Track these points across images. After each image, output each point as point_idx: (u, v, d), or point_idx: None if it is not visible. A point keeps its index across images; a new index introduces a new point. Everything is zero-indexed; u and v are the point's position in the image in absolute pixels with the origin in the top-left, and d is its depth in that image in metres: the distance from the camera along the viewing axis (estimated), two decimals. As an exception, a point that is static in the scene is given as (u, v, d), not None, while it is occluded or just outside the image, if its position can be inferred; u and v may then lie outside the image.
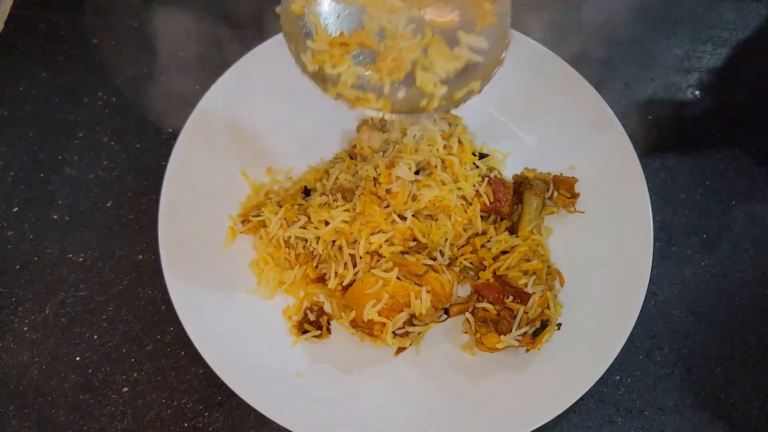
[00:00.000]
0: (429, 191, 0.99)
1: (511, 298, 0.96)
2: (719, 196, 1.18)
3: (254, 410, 0.91)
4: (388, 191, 0.98)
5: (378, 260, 0.98)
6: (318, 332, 1.00)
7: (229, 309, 1.00)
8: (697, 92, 1.28)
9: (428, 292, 0.94)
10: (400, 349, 0.99)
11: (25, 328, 1.05)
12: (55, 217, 1.14)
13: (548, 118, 1.15)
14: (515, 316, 0.95)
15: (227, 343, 0.96)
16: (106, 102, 1.24)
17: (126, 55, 1.29)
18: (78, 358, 1.03)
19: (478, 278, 1.01)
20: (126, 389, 1.02)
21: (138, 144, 1.20)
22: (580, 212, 1.08)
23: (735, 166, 1.21)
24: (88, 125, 1.22)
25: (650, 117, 1.25)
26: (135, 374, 1.03)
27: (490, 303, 0.96)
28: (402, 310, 0.94)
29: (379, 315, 0.93)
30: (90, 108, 1.24)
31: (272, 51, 1.13)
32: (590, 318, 0.99)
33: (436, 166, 1.01)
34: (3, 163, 1.19)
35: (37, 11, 1.33)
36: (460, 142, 1.06)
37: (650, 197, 1.17)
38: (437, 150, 1.03)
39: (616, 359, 1.05)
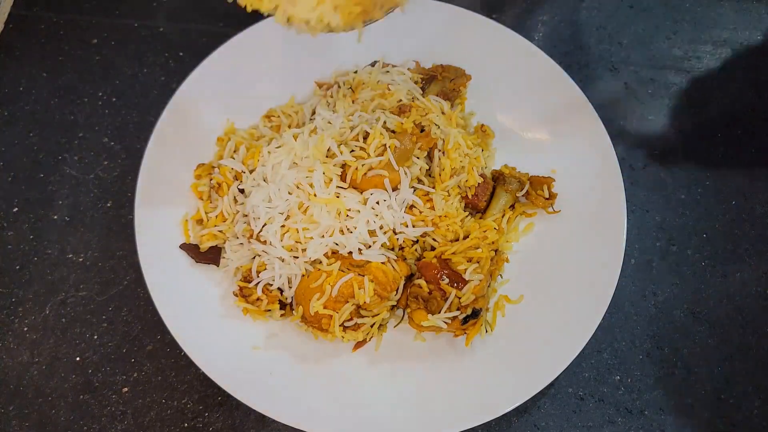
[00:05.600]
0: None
1: (447, 280, 0.96)
2: (719, 196, 1.18)
3: (254, 410, 0.91)
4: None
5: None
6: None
7: (214, 311, 1.01)
8: (696, 92, 1.28)
9: (371, 281, 0.94)
10: (359, 344, 0.99)
11: (25, 328, 1.06)
12: (55, 217, 1.14)
13: (530, 115, 1.15)
14: (447, 298, 0.95)
15: (217, 344, 0.97)
16: (106, 102, 1.24)
17: (126, 55, 1.29)
18: (78, 358, 1.03)
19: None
20: (126, 389, 1.02)
21: (138, 144, 1.20)
22: (556, 212, 1.08)
23: (735, 166, 1.21)
24: (88, 125, 1.22)
25: (650, 117, 1.25)
26: (135, 374, 1.03)
27: (425, 281, 0.96)
28: (347, 302, 0.95)
29: (325, 308, 0.94)
30: (90, 108, 1.24)
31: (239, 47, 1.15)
32: (559, 311, 1.00)
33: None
34: (3, 163, 1.19)
35: (37, 11, 1.33)
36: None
37: (650, 197, 1.18)
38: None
39: (616, 359, 1.06)
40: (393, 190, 1.00)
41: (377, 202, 0.99)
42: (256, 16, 1.16)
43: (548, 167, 1.11)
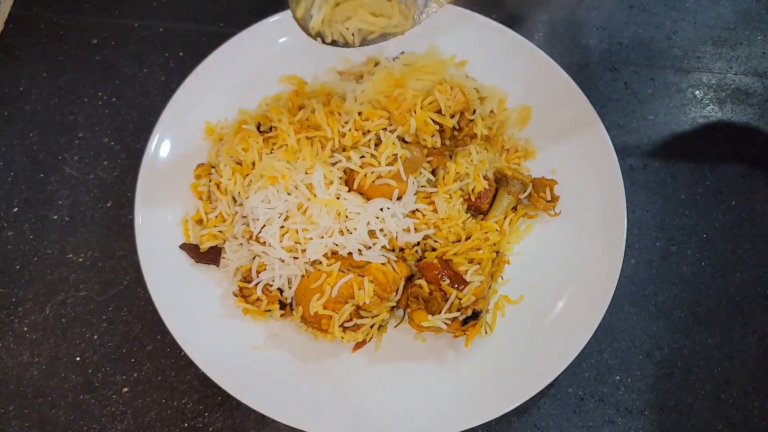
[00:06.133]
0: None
1: (447, 281, 0.96)
2: (719, 196, 1.18)
3: (254, 410, 0.91)
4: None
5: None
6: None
7: (214, 311, 1.01)
8: (696, 92, 1.28)
9: (371, 282, 0.95)
10: (359, 345, 0.99)
11: (25, 328, 1.06)
12: (55, 217, 1.14)
13: (530, 115, 1.15)
14: (447, 299, 0.95)
15: (217, 344, 0.97)
16: (106, 102, 1.24)
17: (126, 55, 1.29)
18: (78, 358, 1.04)
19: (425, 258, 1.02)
20: (126, 389, 1.02)
21: (138, 144, 1.20)
22: (557, 214, 1.08)
23: (735, 166, 1.21)
24: (88, 125, 1.22)
25: (650, 117, 1.25)
26: (135, 374, 1.03)
27: (426, 282, 0.96)
28: (347, 302, 0.95)
29: (325, 308, 0.94)
30: (90, 108, 1.24)
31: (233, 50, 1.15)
32: (559, 311, 1.00)
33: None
34: (3, 163, 1.19)
35: (37, 11, 1.33)
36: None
37: (650, 197, 1.18)
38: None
39: (616, 359, 1.06)
40: (398, 199, 1.00)
41: (381, 209, 0.99)
42: (256, 16, 1.17)
43: (548, 167, 1.11)
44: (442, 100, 1.00)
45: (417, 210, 1.02)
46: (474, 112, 1.04)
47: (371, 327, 0.98)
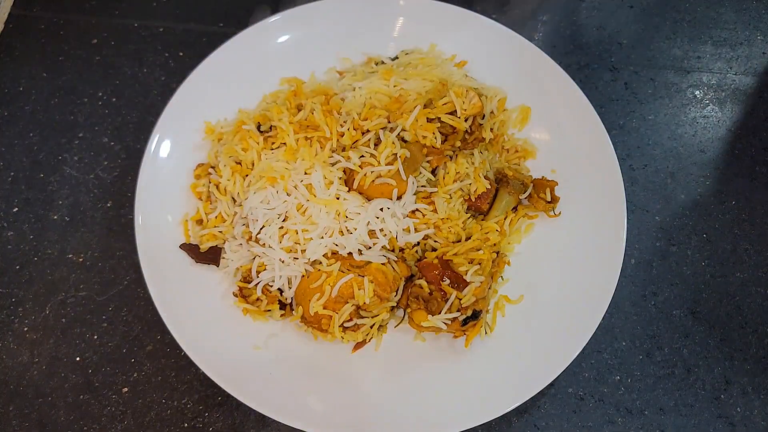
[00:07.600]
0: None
1: (448, 281, 0.96)
2: (719, 196, 1.18)
3: (254, 410, 0.91)
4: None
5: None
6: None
7: (214, 311, 1.01)
8: (696, 92, 1.28)
9: (371, 282, 0.95)
10: (359, 345, 0.99)
11: (25, 328, 1.06)
12: (55, 217, 1.14)
13: (530, 115, 1.15)
14: (447, 300, 0.95)
15: (217, 344, 0.97)
16: (106, 102, 1.25)
17: (126, 55, 1.29)
18: (78, 359, 1.04)
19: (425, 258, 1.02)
20: (126, 389, 1.02)
21: (138, 144, 1.20)
22: (557, 215, 1.08)
23: (735, 167, 1.21)
24: (88, 125, 1.22)
25: (650, 117, 1.25)
26: (135, 374, 1.03)
27: (426, 282, 0.96)
28: (347, 302, 0.95)
29: (325, 308, 0.94)
30: (90, 108, 1.24)
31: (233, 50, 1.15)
32: (559, 311, 1.00)
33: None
34: (3, 163, 1.19)
35: (37, 11, 1.33)
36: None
37: (650, 197, 1.18)
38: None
39: (616, 359, 1.06)
40: (398, 199, 1.00)
41: (381, 209, 0.99)
42: (256, 17, 1.17)
43: (548, 167, 1.11)
44: (458, 102, 1.00)
45: (417, 210, 1.02)
46: (483, 116, 1.04)
47: (371, 327, 0.98)
